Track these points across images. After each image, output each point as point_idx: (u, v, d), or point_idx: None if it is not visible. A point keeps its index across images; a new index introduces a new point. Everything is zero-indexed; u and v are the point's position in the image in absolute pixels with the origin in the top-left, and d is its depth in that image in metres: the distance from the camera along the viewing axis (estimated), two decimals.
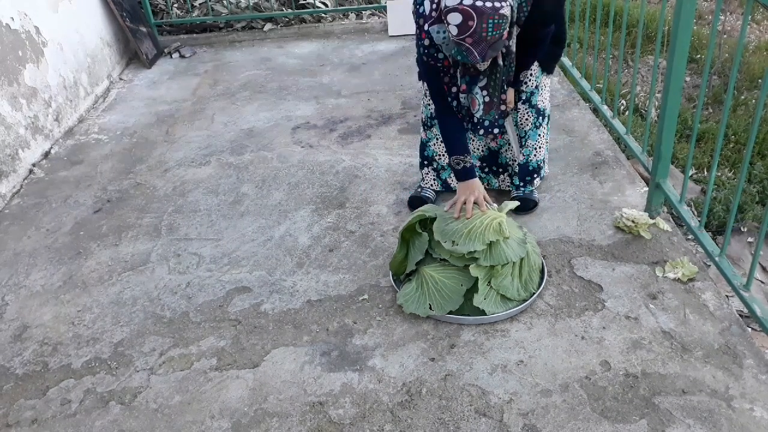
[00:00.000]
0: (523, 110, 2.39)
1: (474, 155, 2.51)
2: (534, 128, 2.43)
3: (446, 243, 2.02)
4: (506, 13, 1.77)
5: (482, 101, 2.09)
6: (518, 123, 2.42)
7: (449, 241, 2.01)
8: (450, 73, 2.15)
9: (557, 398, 1.78)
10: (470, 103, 2.14)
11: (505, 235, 2.02)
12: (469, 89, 2.11)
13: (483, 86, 2.07)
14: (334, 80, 4.05)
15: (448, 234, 2.03)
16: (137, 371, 1.99)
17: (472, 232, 2.01)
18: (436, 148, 2.54)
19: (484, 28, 1.74)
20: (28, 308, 2.29)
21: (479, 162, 2.57)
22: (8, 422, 1.85)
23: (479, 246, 1.99)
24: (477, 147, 2.53)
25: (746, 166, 1.88)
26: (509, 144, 2.48)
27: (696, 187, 3.24)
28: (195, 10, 4.93)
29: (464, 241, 2.00)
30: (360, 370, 1.92)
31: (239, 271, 2.38)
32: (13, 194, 3.03)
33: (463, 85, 2.11)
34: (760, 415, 1.69)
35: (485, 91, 2.07)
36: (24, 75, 3.26)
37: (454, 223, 2.05)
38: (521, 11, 1.94)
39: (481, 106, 2.10)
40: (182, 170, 3.12)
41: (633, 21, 4.99)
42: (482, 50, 1.81)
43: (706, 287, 2.11)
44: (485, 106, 2.10)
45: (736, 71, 1.91)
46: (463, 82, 2.11)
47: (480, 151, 2.54)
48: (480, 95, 2.08)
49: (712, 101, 4.08)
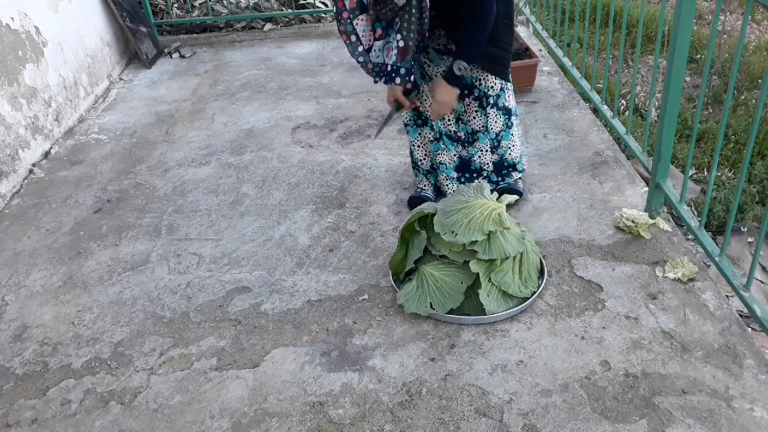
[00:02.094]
0: (492, 114, 2.41)
1: (449, 167, 2.53)
2: (506, 128, 2.46)
3: (446, 234, 2.02)
4: None
5: (396, 47, 2.02)
6: (489, 127, 2.43)
7: (449, 232, 2.02)
8: (344, 20, 2.04)
9: (557, 398, 1.78)
10: (385, 52, 2.06)
11: (505, 225, 2.03)
12: (385, 34, 2.04)
13: (397, 30, 2.00)
14: (334, 80, 4.06)
15: (447, 225, 2.04)
16: (137, 371, 1.99)
17: (472, 222, 2.02)
18: (417, 153, 2.58)
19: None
20: (28, 308, 2.29)
21: (455, 173, 2.56)
22: (8, 422, 1.85)
23: (479, 236, 1.99)
24: (450, 158, 2.52)
25: (746, 166, 1.88)
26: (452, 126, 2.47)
27: (696, 187, 3.25)
28: (195, 10, 4.93)
29: (464, 232, 2.00)
30: (360, 370, 1.92)
31: (239, 271, 2.38)
32: (13, 194, 3.03)
33: (379, 30, 2.04)
34: (760, 415, 1.69)
35: (399, 34, 2.00)
36: (24, 75, 3.26)
37: (454, 215, 2.06)
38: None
39: (395, 51, 2.03)
40: (182, 170, 3.12)
41: (633, 21, 4.99)
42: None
43: (706, 287, 2.11)
44: (399, 51, 2.02)
45: (736, 71, 1.91)
46: (379, 27, 2.03)
47: (452, 162, 2.54)
48: (394, 40, 2.01)
49: (712, 101, 4.08)
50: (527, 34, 4.38)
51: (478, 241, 2.00)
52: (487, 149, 2.48)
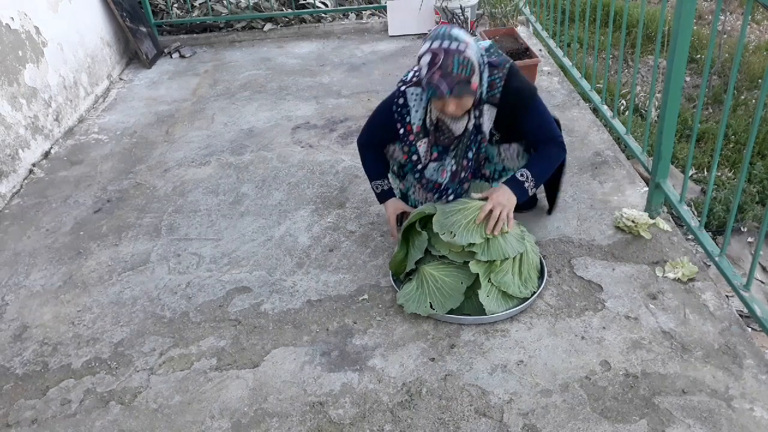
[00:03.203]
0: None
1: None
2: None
3: (444, 235, 2.02)
4: (470, 56, 1.93)
5: (450, 170, 2.22)
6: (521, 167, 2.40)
7: (447, 233, 2.02)
8: (409, 142, 2.21)
9: (557, 398, 1.78)
10: (440, 173, 2.24)
11: (504, 228, 2.03)
12: (440, 158, 2.22)
13: (453, 155, 2.20)
14: (334, 80, 4.05)
15: (446, 226, 2.04)
16: (137, 371, 1.99)
17: (471, 224, 2.02)
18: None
19: (450, 63, 1.90)
20: (28, 308, 2.29)
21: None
22: (8, 422, 1.85)
23: (477, 239, 1.99)
24: None
25: (746, 166, 1.88)
26: None
27: (696, 187, 3.25)
28: (195, 10, 4.93)
29: (462, 233, 2.00)
30: (360, 370, 1.92)
31: (239, 271, 2.38)
32: (13, 194, 3.03)
33: (435, 154, 2.22)
34: (760, 415, 1.69)
35: (453, 160, 2.20)
36: (24, 75, 3.26)
37: (453, 215, 2.06)
38: (494, 88, 2.05)
39: (448, 173, 2.22)
40: (182, 170, 3.12)
41: (633, 21, 4.99)
42: (450, 83, 1.91)
43: (706, 287, 2.11)
44: (451, 174, 2.22)
45: (736, 71, 1.91)
46: (435, 151, 2.21)
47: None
48: (449, 164, 2.21)
49: (712, 101, 4.08)
50: (527, 34, 4.39)
51: (476, 243, 2.00)
52: None
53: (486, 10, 4.42)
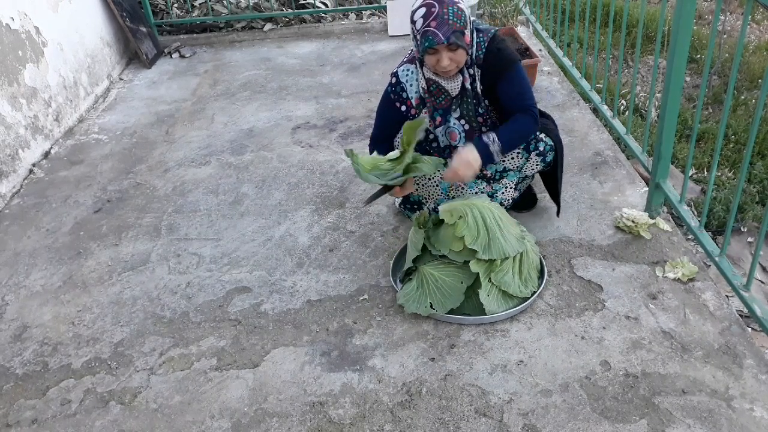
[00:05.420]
0: (533, 158, 2.33)
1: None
2: (536, 173, 2.40)
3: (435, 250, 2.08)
4: (464, 9, 2.00)
5: (462, 130, 2.22)
6: (523, 168, 2.36)
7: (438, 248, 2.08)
8: (412, 116, 2.24)
9: (557, 398, 1.78)
10: (449, 137, 2.25)
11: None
12: (444, 120, 2.23)
13: (458, 117, 2.21)
14: (334, 80, 4.05)
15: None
16: (137, 371, 1.99)
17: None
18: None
19: (445, 12, 1.95)
20: (28, 308, 2.29)
21: None
22: (8, 422, 1.85)
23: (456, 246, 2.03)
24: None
25: (746, 166, 1.88)
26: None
27: (696, 187, 3.25)
28: (195, 10, 4.93)
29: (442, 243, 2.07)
30: (360, 370, 1.92)
31: (239, 271, 2.38)
32: (13, 194, 3.03)
33: (438, 118, 2.23)
34: (760, 415, 1.69)
35: (462, 120, 2.21)
36: (24, 75, 3.26)
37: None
38: (479, 49, 2.11)
39: (462, 135, 2.23)
40: (182, 170, 3.12)
41: (633, 21, 4.99)
42: (446, 32, 1.95)
43: (706, 287, 2.11)
44: (466, 135, 2.23)
45: (736, 71, 1.91)
46: (437, 115, 2.22)
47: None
48: (458, 125, 2.22)
49: (712, 101, 4.08)
50: (527, 34, 4.38)
51: (477, 241, 2.00)
52: (512, 186, 2.38)
53: (486, 10, 4.42)
